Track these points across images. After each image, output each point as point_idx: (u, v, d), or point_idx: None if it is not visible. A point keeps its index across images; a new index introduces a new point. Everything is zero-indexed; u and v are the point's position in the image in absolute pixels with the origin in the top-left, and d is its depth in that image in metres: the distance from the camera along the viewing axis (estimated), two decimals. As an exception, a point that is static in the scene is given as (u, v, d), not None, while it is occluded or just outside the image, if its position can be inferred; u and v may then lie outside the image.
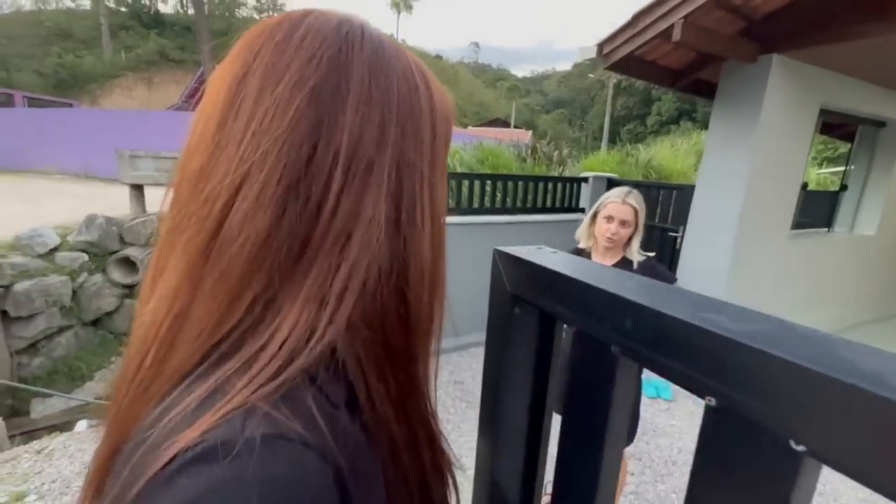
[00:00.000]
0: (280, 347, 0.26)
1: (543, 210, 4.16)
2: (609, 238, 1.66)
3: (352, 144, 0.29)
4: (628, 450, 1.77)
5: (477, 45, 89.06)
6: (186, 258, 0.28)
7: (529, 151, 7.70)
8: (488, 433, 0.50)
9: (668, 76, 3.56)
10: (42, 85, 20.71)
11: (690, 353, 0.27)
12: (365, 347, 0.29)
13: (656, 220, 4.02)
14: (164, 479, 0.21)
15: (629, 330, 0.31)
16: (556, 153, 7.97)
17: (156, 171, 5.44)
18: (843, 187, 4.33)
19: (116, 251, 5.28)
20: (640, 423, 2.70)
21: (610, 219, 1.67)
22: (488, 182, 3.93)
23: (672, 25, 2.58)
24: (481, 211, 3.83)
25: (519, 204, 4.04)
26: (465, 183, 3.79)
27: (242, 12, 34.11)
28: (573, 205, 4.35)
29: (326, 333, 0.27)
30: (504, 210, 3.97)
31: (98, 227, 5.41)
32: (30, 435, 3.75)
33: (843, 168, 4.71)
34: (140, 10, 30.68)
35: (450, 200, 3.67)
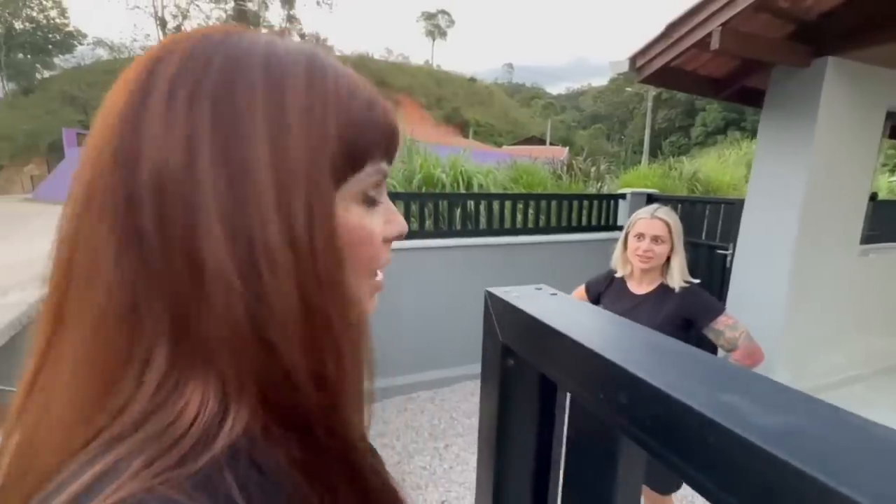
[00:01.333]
0: (191, 426, 0.22)
1: (579, 229, 4.02)
2: (642, 256, 1.54)
3: (155, 172, 0.23)
4: (677, 494, 1.60)
5: (510, 65, 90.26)
6: (41, 324, 0.25)
7: (565, 168, 7.55)
8: (486, 496, 0.44)
9: (709, 86, 3.38)
10: (115, 125, 22.99)
11: (702, 453, 0.20)
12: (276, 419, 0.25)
13: (703, 237, 3.76)
14: None
15: (625, 406, 0.24)
16: (593, 169, 7.77)
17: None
18: (922, 196, 3.87)
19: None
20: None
21: (640, 236, 1.56)
22: (520, 201, 3.85)
23: (710, 34, 2.45)
24: (513, 231, 3.75)
25: (553, 223, 3.93)
26: (496, 203, 3.73)
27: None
28: (610, 223, 4.17)
29: (242, 410, 0.23)
30: (537, 230, 3.87)
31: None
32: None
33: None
34: (199, 53, 33.53)
35: (481, 221, 3.62)
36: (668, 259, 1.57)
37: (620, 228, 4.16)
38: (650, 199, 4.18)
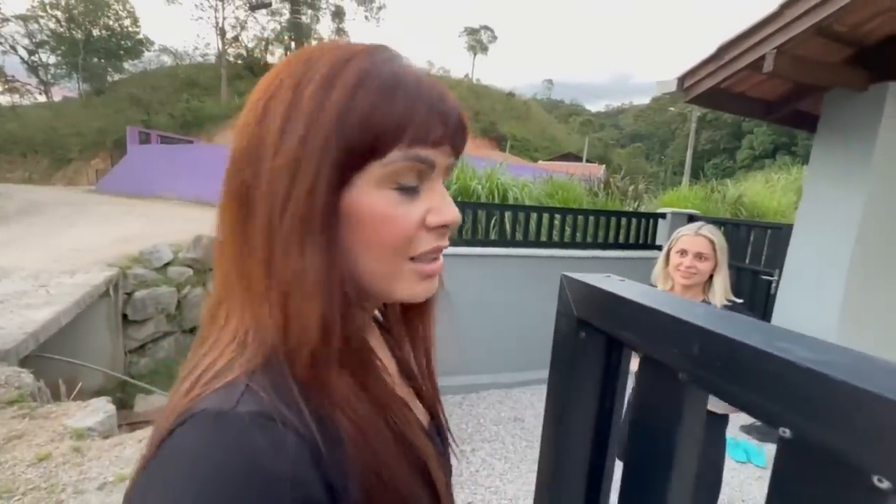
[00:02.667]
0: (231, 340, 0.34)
1: (616, 246, 4.00)
2: (684, 272, 1.55)
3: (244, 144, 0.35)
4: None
5: (550, 81, 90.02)
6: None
7: (602, 186, 7.48)
8: (549, 459, 0.50)
9: (759, 108, 3.32)
10: (172, 125, 24.55)
11: (762, 380, 0.27)
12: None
13: (747, 261, 3.66)
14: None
15: (696, 356, 0.31)
16: (631, 188, 7.65)
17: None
18: None
19: (216, 268, 5.98)
20: (727, 489, 2.39)
21: (683, 253, 1.57)
22: (557, 215, 3.88)
23: (762, 56, 2.44)
24: (550, 244, 3.78)
25: (590, 239, 3.93)
26: (534, 215, 3.78)
27: (336, 60, 37.73)
28: (649, 241, 4.13)
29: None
30: (574, 244, 3.88)
31: (204, 246, 6.17)
32: (131, 427, 4.25)
33: None
34: (253, 61, 35.54)
35: (518, 233, 3.68)
36: (711, 276, 1.58)
37: (659, 248, 4.11)
38: (691, 219, 4.11)
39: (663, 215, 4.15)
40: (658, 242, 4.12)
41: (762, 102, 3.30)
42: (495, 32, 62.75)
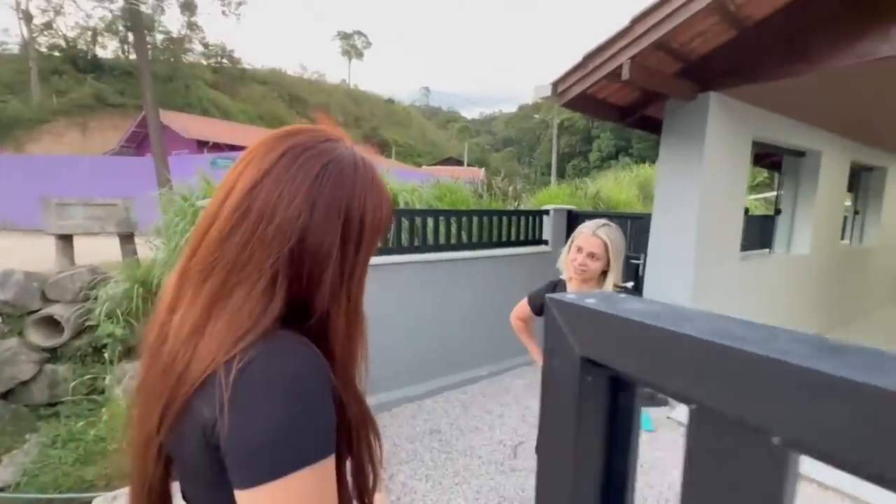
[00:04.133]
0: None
1: (508, 244, 4.17)
2: (576, 268, 1.62)
3: (314, 261, 0.52)
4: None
5: (427, 89, 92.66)
6: (207, 299, 0.51)
7: (485, 187, 7.86)
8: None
9: (617, 113, 3.76)
10: (-44, 131, 18.96)
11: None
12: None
13: (616, 248, 4.13)
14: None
15: (801, 407, 0.21)
16: (510, 188, 8.20)
17: (87, 220, 4.92)
18: (778, 211, 4.70)
19: (37, 310, 4.64)
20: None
21: (580, 249, 1.63)
22: (453, 218, 3.89)
23: (621, 66, 2.74)
24: (446, 247, 3.76)
25: (483, 238, 4.02)
26: (430, 220, 3.72)
27: (189, 57, 33.56)
28: (536, 237, 4.40)
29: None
30: (469, 245, 3.93)
31: (15, 283, 4.75)
32: None
33: (765, 194, 5.18)
34: (76, 54, 29.41)
35: (415, 239, 3.59)
36: (605, 273, 1.66)
37: (546, 242, 4.41)
38: (570, 214, 4.50)
39: (547, 212, 4.47)
40: (545, 237, 4.42)
41: (619, 108, 3.74)
42: (369, 38, 62.44)
